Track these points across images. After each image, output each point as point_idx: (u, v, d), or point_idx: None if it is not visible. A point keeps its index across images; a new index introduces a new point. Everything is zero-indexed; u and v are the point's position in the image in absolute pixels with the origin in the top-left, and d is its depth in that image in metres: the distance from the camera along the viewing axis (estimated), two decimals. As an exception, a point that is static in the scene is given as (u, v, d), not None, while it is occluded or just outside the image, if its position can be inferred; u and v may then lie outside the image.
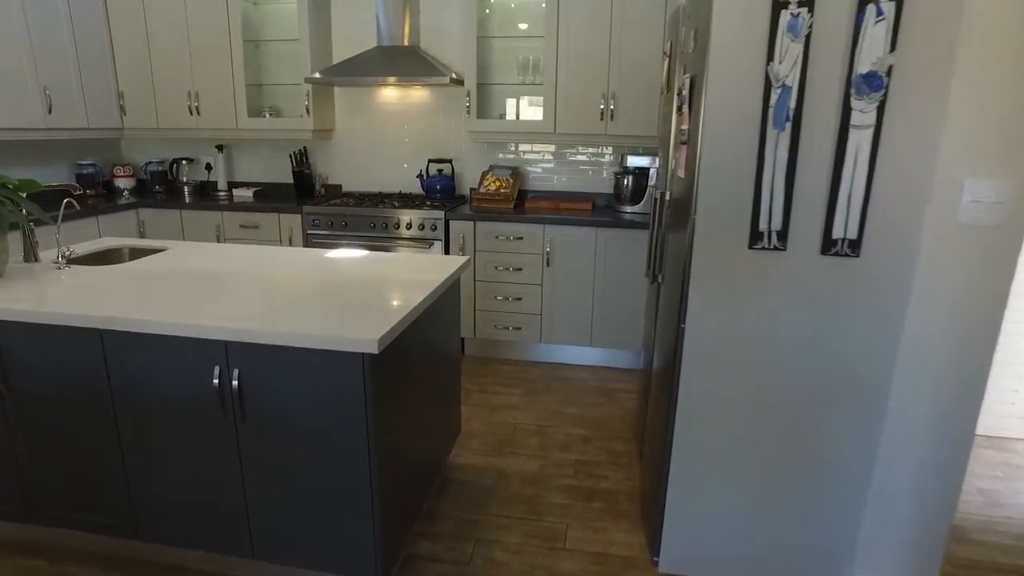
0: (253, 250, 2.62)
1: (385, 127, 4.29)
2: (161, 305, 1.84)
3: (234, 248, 2.65)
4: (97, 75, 4.09)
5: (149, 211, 4.13)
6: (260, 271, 2.26)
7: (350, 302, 1.89)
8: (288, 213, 3.93)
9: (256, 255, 2.52)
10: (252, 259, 2.44)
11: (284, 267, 2.32)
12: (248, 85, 4.15)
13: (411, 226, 3.75)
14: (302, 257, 2.49)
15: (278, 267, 2.32)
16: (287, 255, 2.52)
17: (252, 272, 2.24)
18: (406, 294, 1.98)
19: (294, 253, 2.57)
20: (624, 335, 3.69)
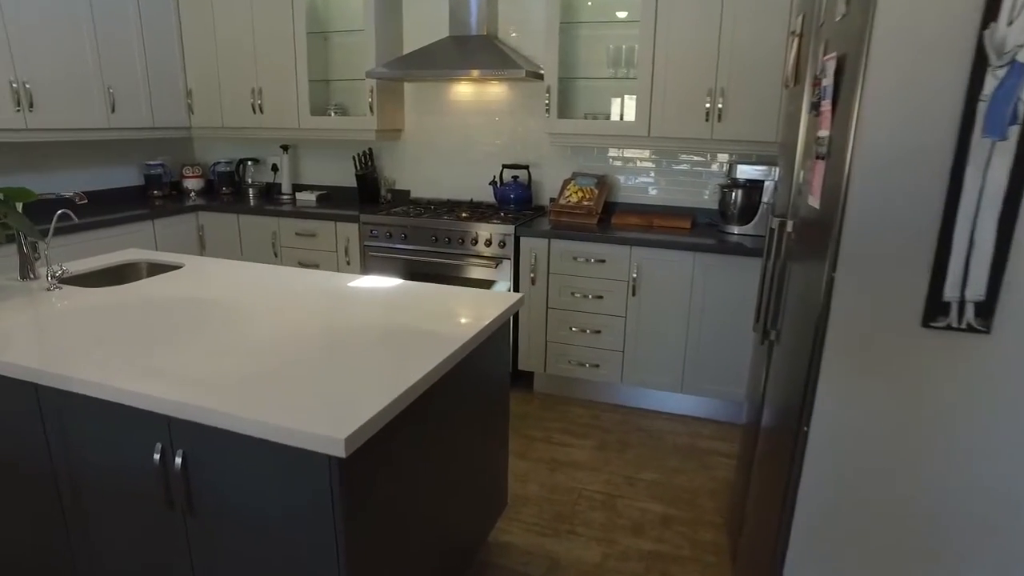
0: (271, 274, 2.22)
1: (457, 127, 3.84)
2: (112, 354, 1.45)
3: (251, 270, 2.27)
4: (164, 72, 3.91)
5: (208, 215, 3.91)
6: (262, 306, 1.84)
7: (345, 370, 1.42)
8: (345, 222, 3.56)
9: (270, 281, 2.11)
10: (263, 287, 2.04)
11: (291, 301, 1.89)
12: (313, 81, 3.83)
13: (476, 241, 3.28)
14: (319, 287, 2.06)
15: (285, 300, 1.89)
16: (304, 283, 2.10)
17: (252, 307, 1.83)
18: (417, 361, 1.48)
19: (313, 281, 2.14)
20: (723, 383, 3.03)
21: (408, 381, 1.34)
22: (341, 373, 1.37)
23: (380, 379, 1.34)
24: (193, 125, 4.11)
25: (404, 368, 1.40)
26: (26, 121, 3.22)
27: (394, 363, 1.42)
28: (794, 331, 1.50)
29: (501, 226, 3.22)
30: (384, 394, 1.26)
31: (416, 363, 1.43)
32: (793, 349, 1.48)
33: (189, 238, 3.89)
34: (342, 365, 1.41)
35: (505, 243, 3.22)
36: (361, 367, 1.40)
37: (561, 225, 3.27)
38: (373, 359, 1.45)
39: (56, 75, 3.32)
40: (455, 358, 1.54)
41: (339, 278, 2.15)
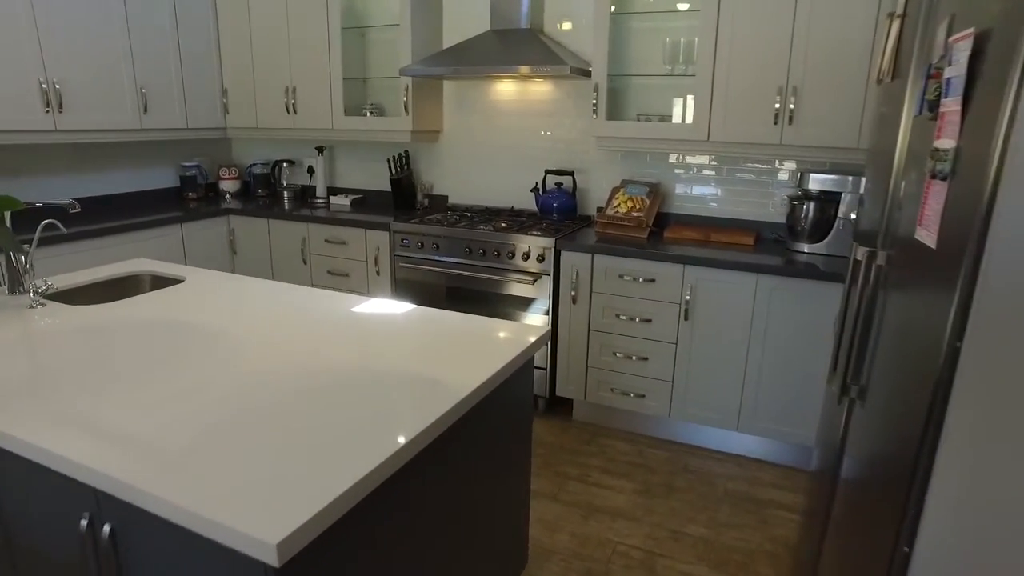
0: (272, 293, 1.99)
1: (498, 129, 3.57)
2: (50, 398, 1.23)
3: (253, 288, 2.05)
4: (199, 72, 3.78)
5: (239, 219, 3.77)
6: (248, 335, 1.61)
7: (313, 433, 1.16)
8: (375, 229, 3.34)
9: (268, 303, 1.88)
10: (258, 310, 1.81)
11: (282, 331, 1.65)
12: (348, 79, 3.64)
13: (513, 254, 2.99)
14: (317, 313, 1.82)
15: (275, 329, 1.66)
16: (304, 306, 1.86)
17: (236, 337, 1.60)
18: (402, 424, 1.21)
19: (314, 304, 1.90)
20: (787, 422, 2.65)
21: (381, 455, 1.06)
22: (306, 439, 1.11)
23: (350, 451, 1.07)
24: (228, 126, 3.99)
25: (382, 435, 1.13)
26: (55, 123, 3.12)
27: (373, 427, 1.15)
28: (890, 386, 1.16)
29: (540, 239, 2.92)
30: (344, 477, 0.99)
31: (400, 426, 1.15)
32: (889, 407, 1.14)
33: (219, 243, 3.75)
34: (311, 426, 1.15)
35: (544, 257, 2.93)
36: (332, 430, 1.14)
37: (607, 238, 2.95)
38: (350, 419, 1.18)
39: (87, 75, 3.22)
40: (454, 414, 1.26)
41: (344, 301, 1.91)
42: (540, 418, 3.13)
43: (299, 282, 3.65)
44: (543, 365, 3.07)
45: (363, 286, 3.45)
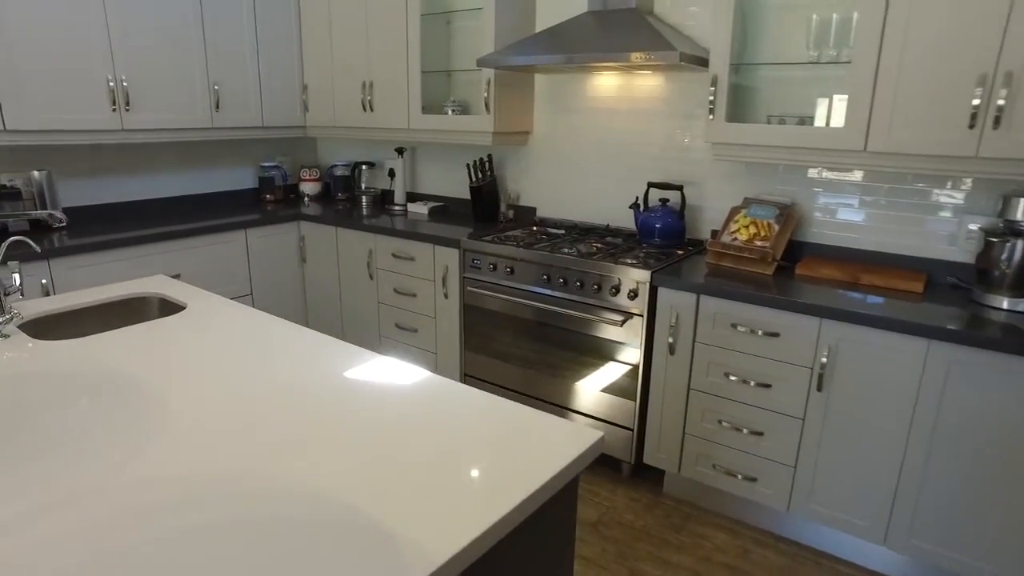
0: (266, 339, 1.58)
1: (596, 132, 3.01)
2: None
3: (250, 331, 1.65)
4: (278, 67, 3.53)
5: (309, 225, 3.49)
6: (186, 418, 1.19)
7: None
8: (444, 246, 2.90)
9: (252, 357, 1.47)
10: (230, 371, 1.40)
11: (240, 412, 1.23)
12: (428, 72, 3.22)
13: (599, 287, 2.44)
14: (305, 382, 1.38)
15: (234, 409, 1.23)
16: (292, 365, 1.43)
17: (169, 420, 1.19)
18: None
19: (306, 365, 1.46)
20: (960, 547, 1.91)
21: None
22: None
23: None
24: (308, 124, 3.72)
25: None
26: (122, 121, 2.96)
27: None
28: None
29: (634, 269, 2.34)
30: None
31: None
32: None
33: (288, 250, 3.49)
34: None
35: (637, 293, 2.35)
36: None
37: (720, 273, 2.32)
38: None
39: (156, 71, 3.03)
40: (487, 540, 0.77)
41: (343, 361, 1.46)
42: (622, 487, 2.56)
43: (365, 300, 3.31)
44: (629, 425, 2.49)
45: (429, 309, 3.04)
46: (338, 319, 3.48)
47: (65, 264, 2.67)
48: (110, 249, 2.78)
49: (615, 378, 2.49)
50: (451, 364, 3.03)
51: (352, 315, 3.40)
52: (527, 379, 2.75)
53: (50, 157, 3.05)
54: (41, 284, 2.61)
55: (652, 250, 2.62)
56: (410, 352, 3.17)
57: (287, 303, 3.53)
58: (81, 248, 2.70)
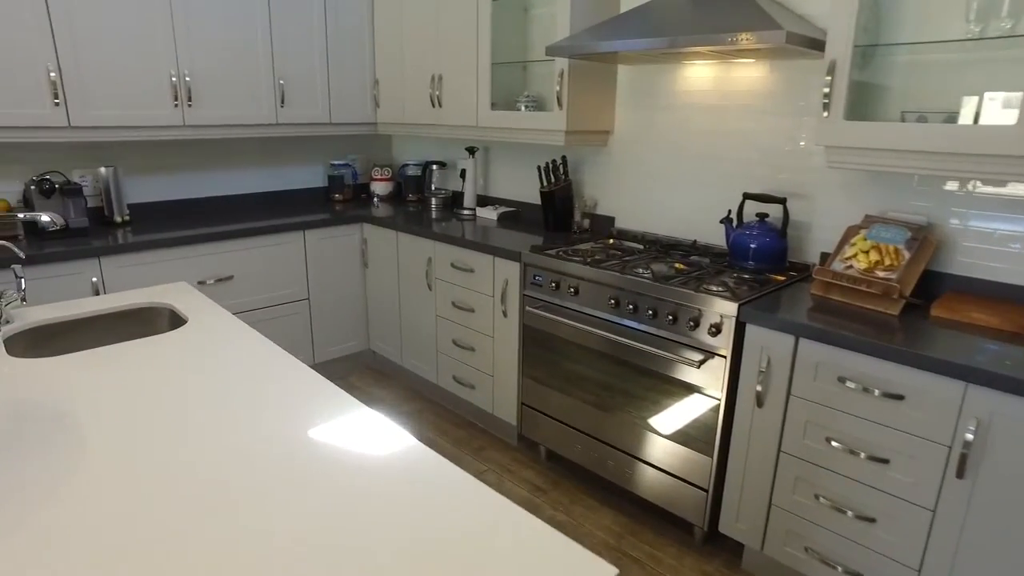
0: (260, 367, 1.33)
1: (685, 132, 2.58)
2: None
3: (252, 356, 1.40)
4: (348, 60, 3.35)
5: (371, 228, 3.28)
6: (89, 488, 0.95)
7: None
8: (505, 258, 2.59)
9: (237, 386, 1.22)
10: (201, 411, 1.16)
11: (178, 479, 0.97)
12: (500, 64, 2.91)
13: (675, 318, 2.03)
14: (272, 429, 1.10)
15: (170, 475, 0.98)
16: (267, 404, 1.16)
17: (111, 469, 0.95)
18: None
19: (282, 405, 1.19)
20: None
21: None
22: None
23: None
24: (379, 120, 3.52)
25: None
26: (184, 117, 2.87)
27: None
28: None
29: (718, 299, 1.92)
30: None
31: None
32: None
33: (350, 254, 3.31)
34: None
35: (721, 329, 1.92)
36: None
37: (828, 309, 1.85)
38: None
39: (218, 66, 2.92)
40: None
41: (324, 409, 1.17)
42: (691, 556, 2.14)
43: (423, 311, 3.06)
44: (704, 484, 2.07)
45: (487, 327, 2.73)
46: (397, 331, 3.26)
47: (115, 263, 2.60)
48: (161, 248, 2.69)
49: (690, 427, 2.07)
50: (508, 390, 2.71)
51: (411, 327, 3.16)
52: (589, 417, 2.38)
53: (116, 154, 3.03)
54: (92, 282, 2.55)
55: (744, 275, 2.17)
56: (467, 372, 2.89)
57: (346, 310, 3.36)
58: (132, 247, 2.62)
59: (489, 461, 2.71)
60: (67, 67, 2.55)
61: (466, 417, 3.06)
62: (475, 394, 2.88)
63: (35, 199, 2.67)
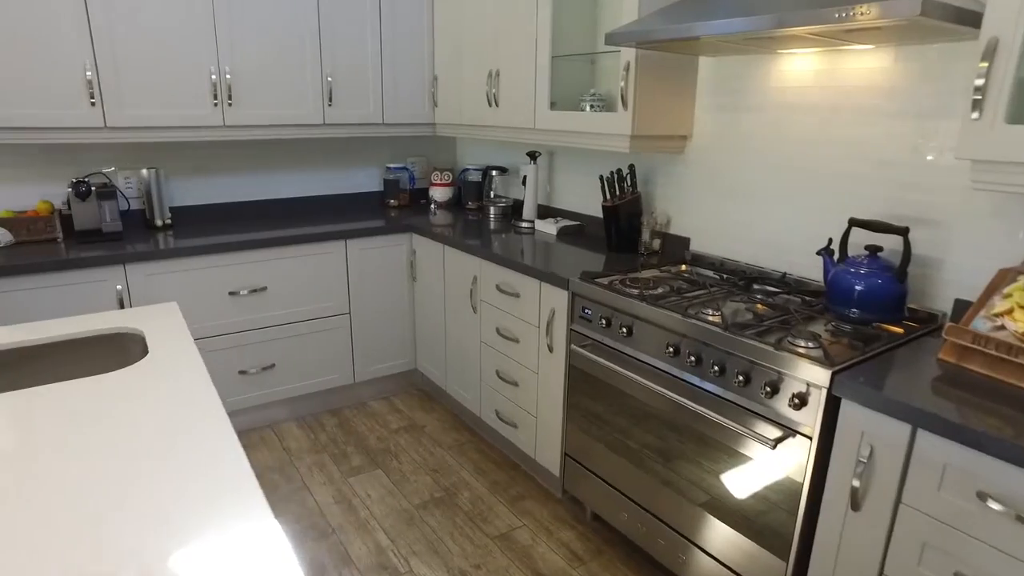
0: (177, 435, 1.04)
1: (780, 138, 2.08)
2: None
3: (176, 417, 1.12)
4: (403, 55, 3.08)
5: (420, 239, 2.99)
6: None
7: None
8: (551, 284, 2.21)
9: (125, 467, 0.94)
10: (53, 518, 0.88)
11: None
12: (562, 57, 2.53)
13: (747, 380, 1.58)
14: (115, 550, 0.80)
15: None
16: (142, 503, 0.86)
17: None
18: None
19: (161, 505, 0.88)
20: None
21: None
22: None
23: None
24: (437, 121, 3.23)
25: None
26: (224, 117, 2.71)
27: None
28: None
29: (804, 360, 1.45)
30: None
31: None
32: None
33: (397, 265, 3.04)
34: None
35: (806, 400, 1.46)
36: None
37: (964, 383, 1.34)
38: None
39: (262, 62, 2.73)
40: None
41: (211, 521, 0.86)
42: None
43: (468, 336, 2.73)
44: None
45: (532, 360, 2.36)
46: (442, 354, 2.96)
47: (142, 270, 2.46)
48: (191, 256, 2.53)
49: (761, 519, 1.61)
50: (551, 435, 2.33)
51: (455, 352, 2.85)
52: (639, 483, 1.96)
53: (160, 155, 2.91)
54: (116, 290, 2.43)
55: (844, 326, 1.67)
56: (510, 409, 2.53)
57: (392, 327, 3.09)
58: (159, 254, 2.47)
59: (526, 514, 2.34)
60: (104, 65, 2.43)
61: (509, 457, 2.71)
62: (517, 434, 2.52)
63: (72, 201, 2.58)
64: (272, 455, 2.69)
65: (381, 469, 2.61)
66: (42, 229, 2.56)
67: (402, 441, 2.82)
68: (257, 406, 2.87)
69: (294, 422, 2.96)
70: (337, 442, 2.80)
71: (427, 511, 2.35)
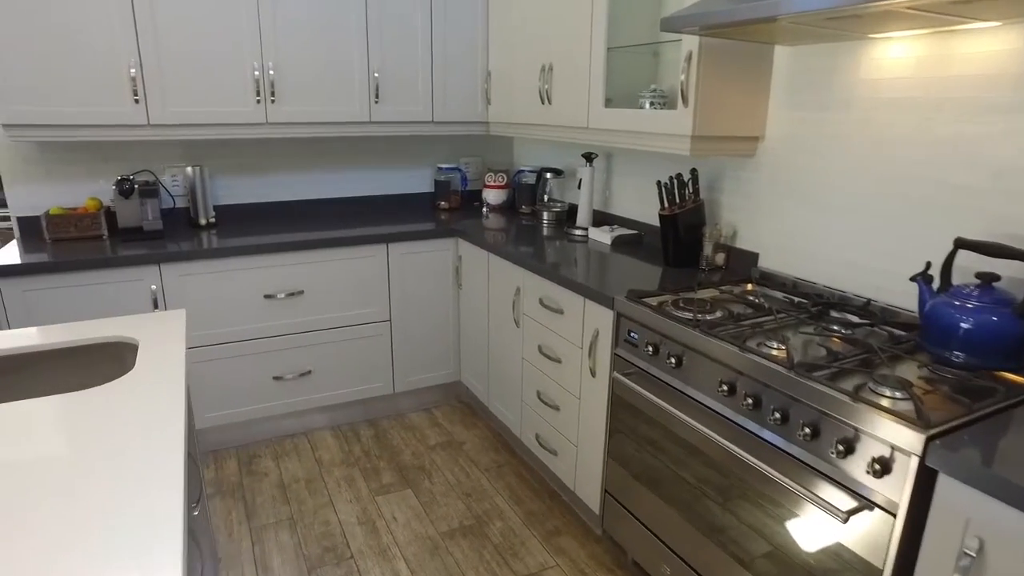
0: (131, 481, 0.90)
1: (870, 140, 1.75)
2: None
3: (148, 434, 0.99)
4: (455, 50, 2.91)
5: (465, 244, 2.82)
6: None
7: None
8: (596, 302, 1.97)
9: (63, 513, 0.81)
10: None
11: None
12: (619, 49, 2.28)
13: (814, 433, 1.30)
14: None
15: None
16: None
17: None
18: None
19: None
20: None
21: None
22: None
23: None
24: (490, 119, 3.05)
25: None
26: (266, 114, 2.63)
27: None
28: None
29: (889, 420, 1.16)
30: None
31: None
32: None
33: (442, 271, 2.87)
34: None
35: (890, 467, 1.17)
36: None
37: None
38: None
39: (306, 57, 2.63)
40: None
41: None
42: None
43: (510, 351, 2.53)
44: None
45: (574, 384, 2.14)
46: (485, 368, 2.77)
47: (177, 271, 2.40)
48: (227, 257, 2.46)
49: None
50: (592, 468, 2.10)
51: (497, 367, 2.66)
52: (684, 536, 1.70)
53: (205, 153, 2.86)
54: (151, 290, 2.38)
55: (944, 374, 1.35)
56: (550, 434, 2.32)
57: (435, 336, 2.93)
58: (194, 254, 2.40)
59: (560, 553, 2.12)
60: (148, 62, 2.39)
61: (549, 484, 2.49)
62: (557, 462, 2.30)
63: (116, 199, 2.56)
64: (302, 465, 2.59)
65: (411, 489, 2.45)
66: (88, 226, 2.56)
67: (437, 459, 2.65)
68: (292, 413, 2.78)
69: (329, 431, 2.85)
70: (370, 455, 2.67)
71: (454, 541, 2.17)
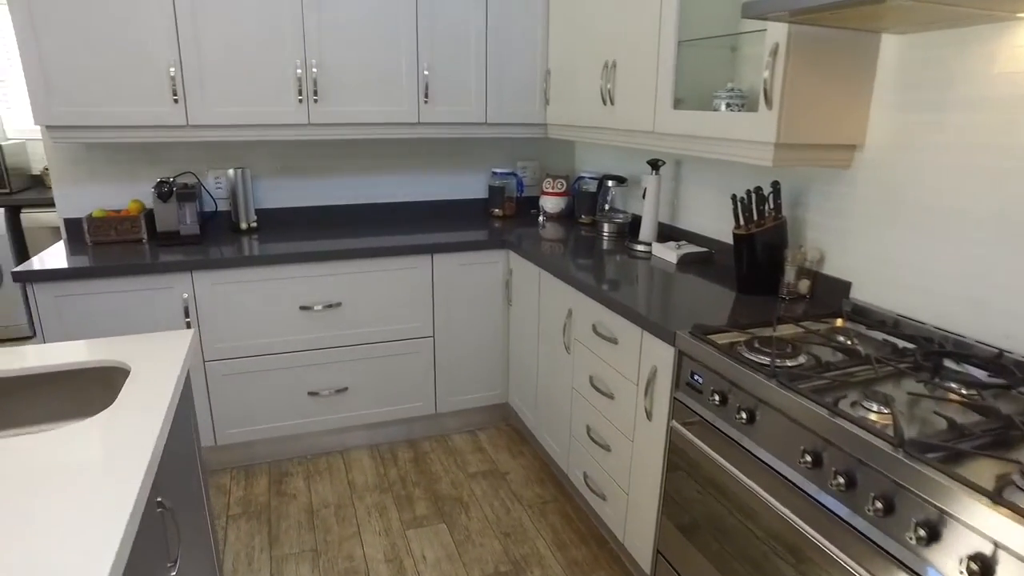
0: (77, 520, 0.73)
1: (998, 148, 1.41)
2: None
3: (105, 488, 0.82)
4: (512, 47, 2.69)
5: (517, 258, 2.59)
6: None
7: None
8: (654, 335, 1.70)
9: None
10: None
11: None
12: (695, 42, 2.00)
13: (931, 536, 1.00)
14: None
15: None
16: None
17: None
18: None
19: None
20: None
21: None
22: None
23: None
24: (548, 121, 2.81)
25: None
26: (309, 115, 2.49)
27: None
28: None
29: (1012, 519, 0.86)
30: None
31: None
32: None
33: (492, 286, 2.66)
34: None
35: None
36: None
37: None
38: None
39: (351, 54, 2.48)
40: None
41: None
42: None
43: (559, 378, 2.29)
44: None
45: (627, 424, 1.88)
46: (533, 393, 2.54)
47: (209, 279, 2.29)
48: (261, 266, 2.33)
49: None
50: (644, 522, 1.83)
51: (546, 394, 2.42)
52: (750, 625, 1.42)
53: (248, 154, 2.75)
54: (182, 298, 2.27)
55: (1116, 462, 1.02)
56: (599, 475, 2.06)
57: (481, 356, 2.72)
58: (227, 262, 2.28)
59: (606, 617, 1.87)
60: (188, 61, 2.29)
61: (597, 529, 2.23)
62: (606, 507, 2.05)
63: (155, 202, 2.48)
64: (333, 489, 2.44)
65: (445, 524, 2.25)
66: (128, 230, 2.49)
67: (477, 489, 2.44)
68: (328, 430, 2.64)
69: (366, 450, 2.69)
70: (406, 482, 2.48)
71: (486, 591, 1.96)
